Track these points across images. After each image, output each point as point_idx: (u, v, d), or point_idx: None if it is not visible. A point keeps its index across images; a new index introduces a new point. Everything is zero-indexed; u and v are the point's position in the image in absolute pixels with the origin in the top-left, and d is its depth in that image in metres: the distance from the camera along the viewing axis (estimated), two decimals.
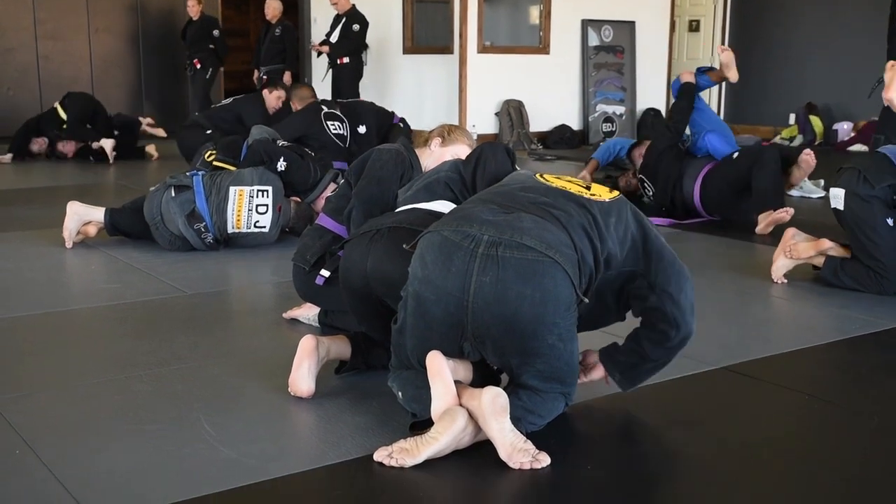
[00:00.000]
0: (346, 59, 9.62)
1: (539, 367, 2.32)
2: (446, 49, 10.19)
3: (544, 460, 2.24)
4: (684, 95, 5.76)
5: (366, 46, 9.83)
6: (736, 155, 5.55)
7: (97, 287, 4.16)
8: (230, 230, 4.68)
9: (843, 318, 3.66)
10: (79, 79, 11.20)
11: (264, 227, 4.68)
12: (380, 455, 2.25)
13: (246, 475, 2.19)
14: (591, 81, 10.91)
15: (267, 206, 4.67)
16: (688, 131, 5.86)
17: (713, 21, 12.13)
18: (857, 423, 2.63)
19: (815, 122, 10.31)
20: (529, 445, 2.25)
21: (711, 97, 12.07)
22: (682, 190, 5.69)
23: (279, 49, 10.25)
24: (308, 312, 3.42)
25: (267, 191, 4.69)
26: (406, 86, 10.65)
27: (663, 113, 11.48)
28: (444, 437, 2.23)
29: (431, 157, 3.31)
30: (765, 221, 5.25)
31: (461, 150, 3.29)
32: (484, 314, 2.25)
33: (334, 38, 9.75)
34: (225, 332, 3.38)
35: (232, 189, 4.65)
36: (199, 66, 10.49)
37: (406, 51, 10.79)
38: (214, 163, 5.09)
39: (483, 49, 10.03)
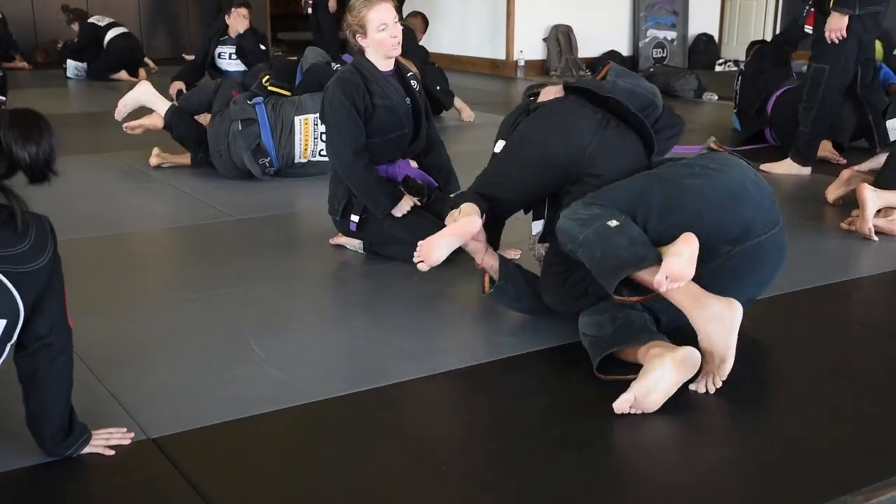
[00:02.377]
0: None
1: None
2: None
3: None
4: None
5: None
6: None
7: (149, 212, 4.23)
8: (297, 160, 4.65)
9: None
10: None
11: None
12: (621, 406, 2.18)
13: (294, 396, 2.25)
14: (642, 5, 10.64)
15: None
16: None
17: None
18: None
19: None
20: None
21: (766, 25, 11.74)
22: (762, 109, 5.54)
23: None
24: (354, 241, 3.46)
25: None
26: (453, 12, 10.50)
27: (716, 38, 11.21)
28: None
29: (371, 49, 3.26)
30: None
31: (375, 18, 3.19)
32: None
33: None
34: (274, 258, 3.43)
35: (297, 119, 4.59)
36: None
37: None
38: (270, 87, 5.05)
39: None
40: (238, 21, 7.09)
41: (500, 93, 8.72)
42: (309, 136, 4.63)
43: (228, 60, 7.15)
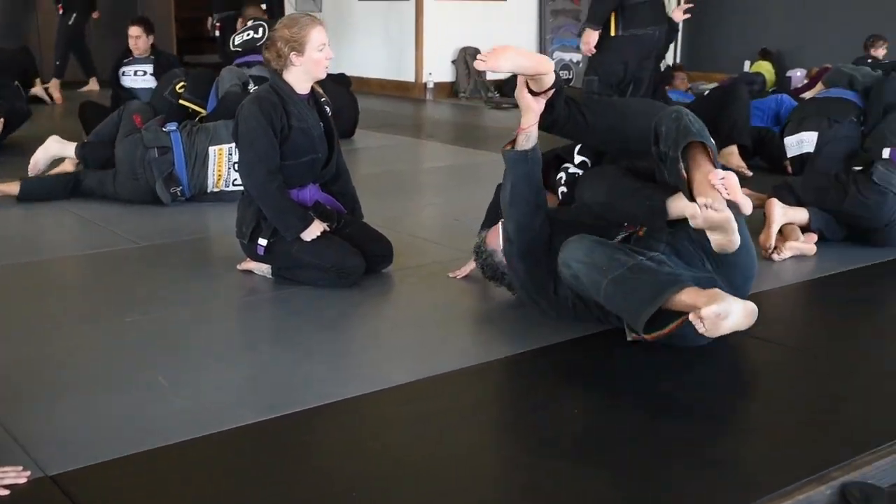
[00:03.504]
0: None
1: None
2: None
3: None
4: None
5: None
6: (707, 92, 5.59)
7: (50, 239, 4.11)
8: (210, 190, 4.58)
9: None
10: None
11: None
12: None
13: (200, 427, 2.20)
14: (549, 28, 10.85)
15: None
16: None
17: None
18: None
19: (766, 67, 10.33)
20: None
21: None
22: None
23: None
24: (262, 265, 3.41)
25: None
26: (362, 33, 10.51)
27: None
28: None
29: (301, 69, 3.24)
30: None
31: (316, 37, 3.20)
32: None
33: None
34: (180, 284, 3.36)
35: (211, 149, 4.53)
36: (61, 11, 9.50)
37: None
38: (181, 100, 4.95)
39: None
40: (140, 40, 6.87)
41: (409, 115, 8.76)
42: (223, 166, 4.57)
43: (134, 77, 6.97)
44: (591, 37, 5.28)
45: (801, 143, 4.79)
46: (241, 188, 4.47)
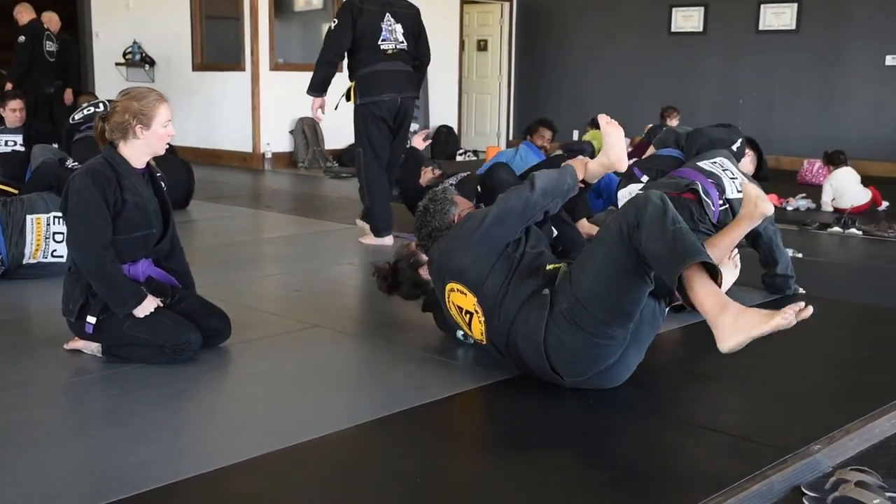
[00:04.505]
0: None
1: None
2: (238, 66, 10.02)
3: None
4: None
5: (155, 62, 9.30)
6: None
7: None
8: (27, 261, 4.38)
9: None
10: None
11: (62, 256, 4.40)
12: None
13: None
14: None
15: (64, 233, 4.41)
16: None
17: (500, 41, 12.57)
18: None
19: (597, 135, 10.82)
20: None
21: (500, 117, 12.50)
22: None
23: (59, 63, 9.66)
24: (91, 344, 3.26)
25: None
26: (198, 103, 10.37)
27: (455, 129, 11.78)
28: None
29: (143, 142, 3.21)
30: None
31: (163, 114, 3.20)
32: None
33: None
34: (1, 368, 3.17)
35: (28, 218, 4.36)
36: None
37: (196, 67, 10.53)
38: None
39: (275, 66, 9.91)
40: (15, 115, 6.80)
41: (249, 185, 8.66)
42: (41, 236, 4.38)
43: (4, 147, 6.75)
44: (314, 103, 5.48)
45: (631, 193, 5.03)
46: (60, 260, 4.34)
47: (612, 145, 3.31)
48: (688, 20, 11.15)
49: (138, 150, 3.21)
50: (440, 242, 3.14)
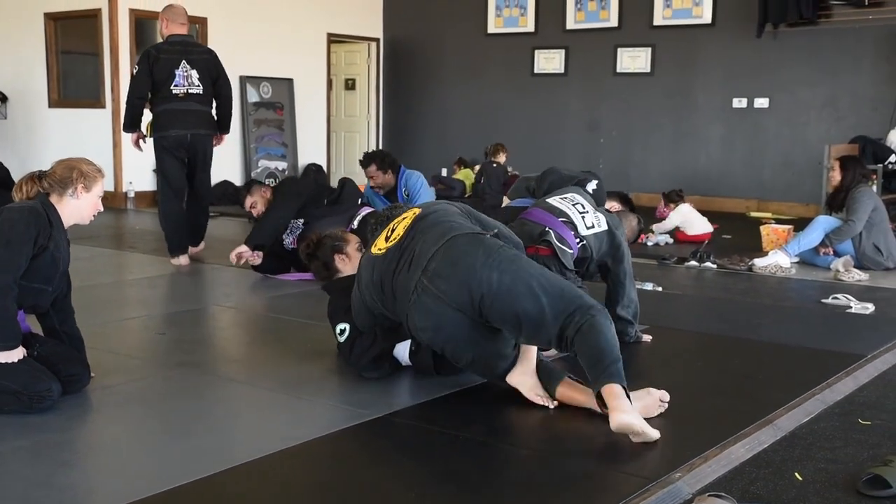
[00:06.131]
0: None
1: None
2: (98, 103, 9.74)
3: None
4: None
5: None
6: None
7: None
8: None
9: None
10: None
11: None
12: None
13: None
14: (252, 137, 10.93)
15: None
16: None
17: (367, 80, 12.67)
18: None
19: (466, 174, 11.01)
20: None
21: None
22: None
23: None
24: None
25: None
26: (56, 141, 10.01)
27: (325, 168, 11.76)
28: None
29: (79, 203, 3.24)
30: None
31: (101, 187, 3.31)
32: None
33: None
34: None
35: None
36: None
37: (53, 104, 10.18)
38: None
39: None
40: None
41: (111, 225, 8.41)
42: None
43: None
44: (128, 138, 6.47)
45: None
46: None
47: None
48: (549, 62, 11.51)
49: (70, 211, 3.23)
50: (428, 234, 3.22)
